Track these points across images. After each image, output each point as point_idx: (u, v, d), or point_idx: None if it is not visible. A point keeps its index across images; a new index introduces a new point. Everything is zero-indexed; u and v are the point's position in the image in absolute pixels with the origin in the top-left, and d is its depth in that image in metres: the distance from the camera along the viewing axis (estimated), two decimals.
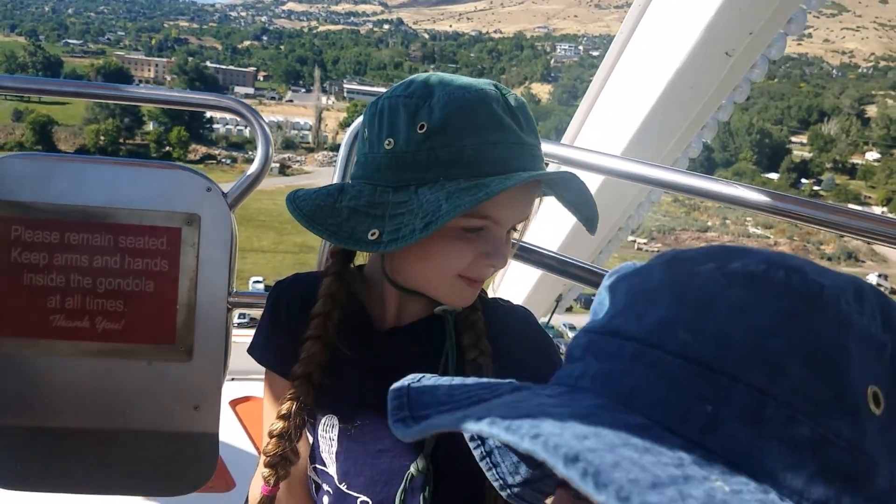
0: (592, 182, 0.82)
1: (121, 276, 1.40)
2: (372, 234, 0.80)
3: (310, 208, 0.86)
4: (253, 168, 1.45)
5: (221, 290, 1.42)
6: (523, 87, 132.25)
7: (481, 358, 0.90)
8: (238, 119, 1.46)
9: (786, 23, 1.70)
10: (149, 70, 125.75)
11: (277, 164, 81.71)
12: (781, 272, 0.37)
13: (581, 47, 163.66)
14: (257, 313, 1.52)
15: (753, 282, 0.36)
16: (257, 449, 2.02)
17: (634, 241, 56.99)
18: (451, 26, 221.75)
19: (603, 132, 2.02)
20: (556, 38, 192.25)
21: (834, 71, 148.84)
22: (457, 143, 0.80)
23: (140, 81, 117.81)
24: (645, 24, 1.84)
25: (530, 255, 1.41)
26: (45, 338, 1.42)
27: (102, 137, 75.77)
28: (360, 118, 1.45)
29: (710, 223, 63.85)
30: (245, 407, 2.15)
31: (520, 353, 0.95)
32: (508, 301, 1.02)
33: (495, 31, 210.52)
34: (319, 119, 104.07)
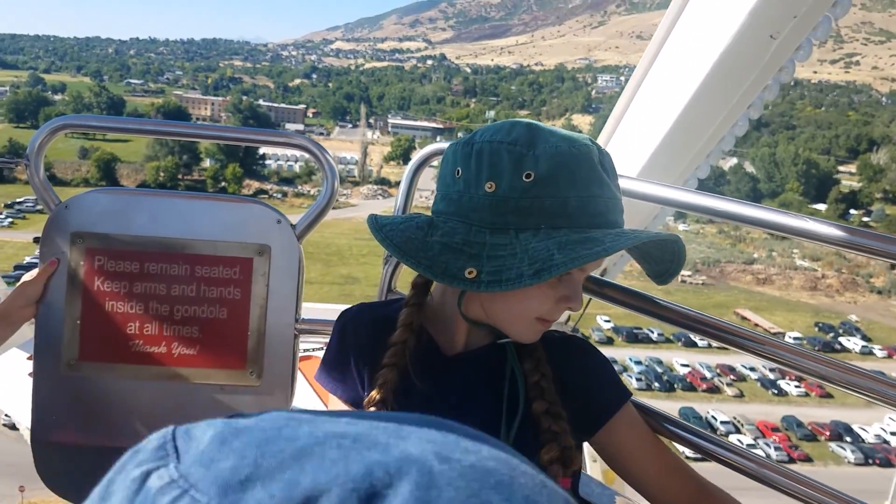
0: None
1: (196, 303, 1.48)
2: (469, 273, 0.81)
3: (400, 240, 0.88)
4: (319, 201, 1.52)
5: (289, 316, 1.48)
6: (564, 118, 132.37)
7: (543, 381, 0.94)
8: (290, 155, 1.52)
9: (831, 6, 1.69)
10: (205, 108, 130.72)
11: None
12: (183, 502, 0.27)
13: (623, 78, 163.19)
14: (323, 340, 1.57)
15: None
16: (323, 403, 2.09)
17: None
18: (492, 60, 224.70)
19: (629, 144, 2.02)
20: (598, 69, 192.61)
21: (883, 98, 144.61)
22: (562, 194, 0.83)
23: (197, 120, 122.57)
24: (681, 25, 1.81)
25: None
26: (125, 362, 1.49)
27: (162, 174, 79.06)
28: (424, 151, 1.46)
29: (756, 255, 62.02)
30: (309, 364, 2.18)
31: (584, 381, 0.99)
32: (562, 332, 1.06)
33: (536, 64, 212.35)
34: (365, 154, 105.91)
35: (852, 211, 77.64)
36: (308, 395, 2.14)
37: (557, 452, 0.91)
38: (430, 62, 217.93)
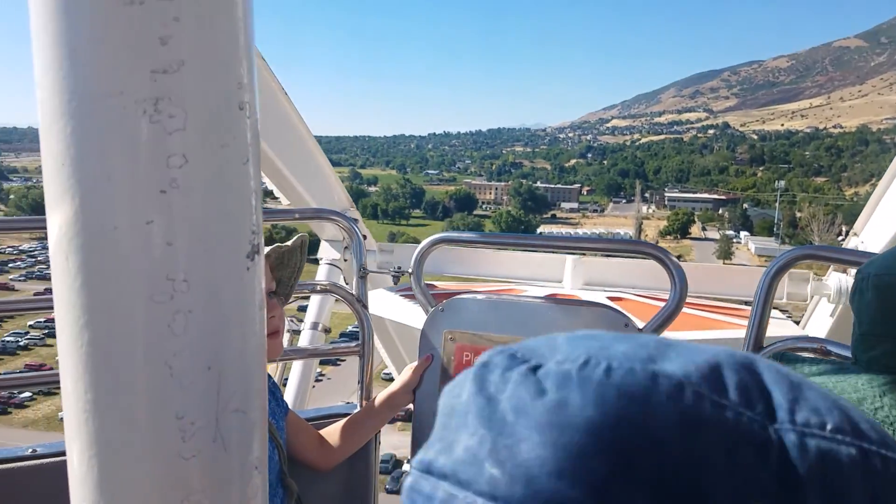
0: None
1: None
2: None
3: None
4: (668, 305, 1.54)
5: None
6: (869, 185, 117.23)
7: None
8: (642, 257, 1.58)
9: None
10: (490, 193, 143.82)
11: None
12: (602, 366, 0.28)
13: None
14: None
15: (565, 385, 0.28)
16: None
17: None
18: (782, 125, 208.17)
19: None
20: None
21: None
22: None
23: (483, 203, 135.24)
24: None
25: None
26: None
27: None
28: (786, 256, 1.42)
29: None
30: None
31: None
32: None
33: (834, 127, 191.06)
34: (639, 229, 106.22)
35: None
36: None
37: None
38: (711, 131, 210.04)
